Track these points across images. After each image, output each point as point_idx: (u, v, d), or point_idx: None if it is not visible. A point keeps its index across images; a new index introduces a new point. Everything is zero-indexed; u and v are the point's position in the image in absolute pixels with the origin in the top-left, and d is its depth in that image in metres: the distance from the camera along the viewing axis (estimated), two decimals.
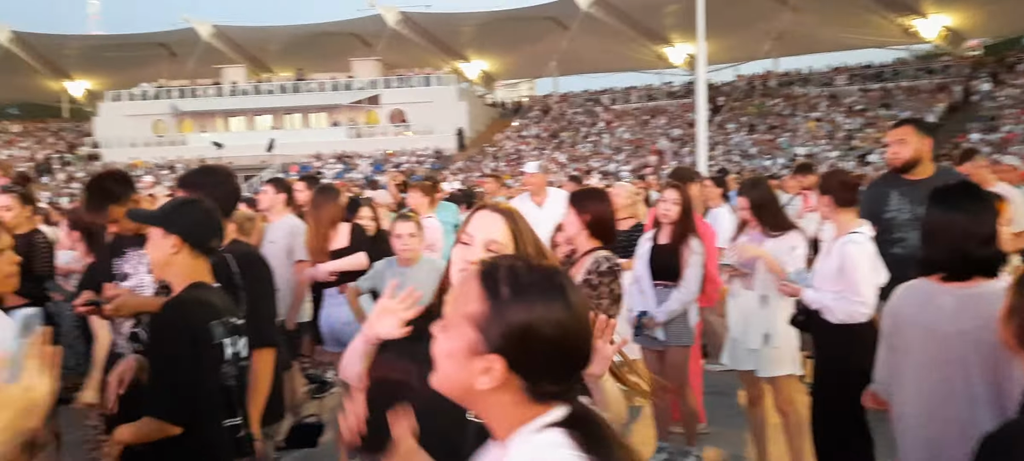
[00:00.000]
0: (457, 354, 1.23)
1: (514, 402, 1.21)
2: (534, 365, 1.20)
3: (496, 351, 1.19)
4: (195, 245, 2.61)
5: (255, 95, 51.82)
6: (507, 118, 53.98)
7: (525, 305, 1.20)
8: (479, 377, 1.20)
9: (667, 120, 47.08)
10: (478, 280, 1.24)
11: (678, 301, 4.88)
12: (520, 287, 1.21)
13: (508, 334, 1.19)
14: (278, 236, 5.69)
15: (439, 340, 1.27)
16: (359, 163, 45.70)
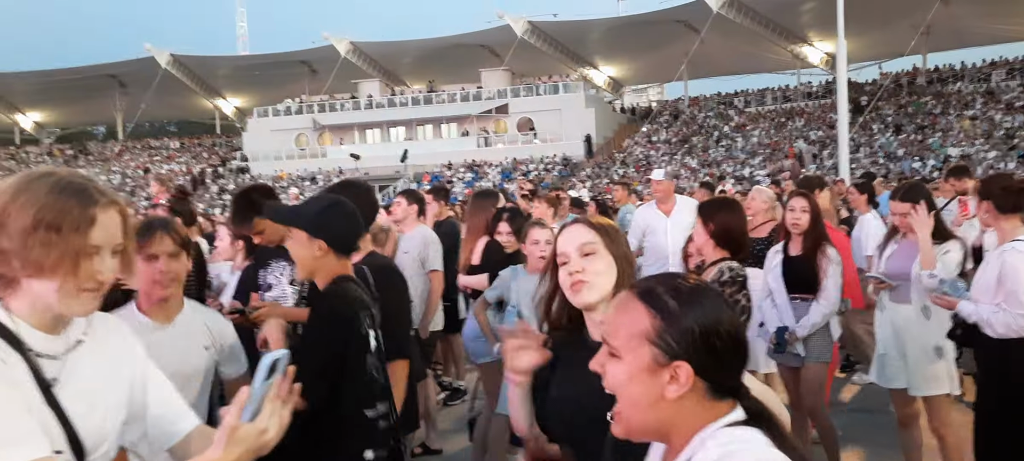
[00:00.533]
0: (639, 374, 1.30)
1: (700, 404, 1.29)
2: (716, 363, 1.29)
3: (679, 358, 1.28)
4: (340, 249, 2.65)
5: (389, 108, 53.60)
6: (636, 124, 53.41)
7: (694, 309, 1.30)
8: (668, 387, 1.28)
9: (805, 122, 45.25)
10: (637, 300, 1.33)
11: (820, 313, 4.63)
12: (681, 294, 1.31)
13: (689, 338, 1.28)
14: (411, 247, 5.80)
15: (612, 372, 1.33)
16: (488, 172, 46.39)
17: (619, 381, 1.32)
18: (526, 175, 40.78)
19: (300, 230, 2.62)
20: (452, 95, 52.86)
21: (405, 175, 33.30)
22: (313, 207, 2.73)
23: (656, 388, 1.29)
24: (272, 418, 1.44)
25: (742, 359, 1.34)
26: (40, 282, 1.47)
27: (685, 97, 54.87)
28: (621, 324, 1.33)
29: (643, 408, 1.30)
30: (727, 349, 1.30)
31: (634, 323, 1.31)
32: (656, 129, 50.61)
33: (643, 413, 1.30)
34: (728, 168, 39.57)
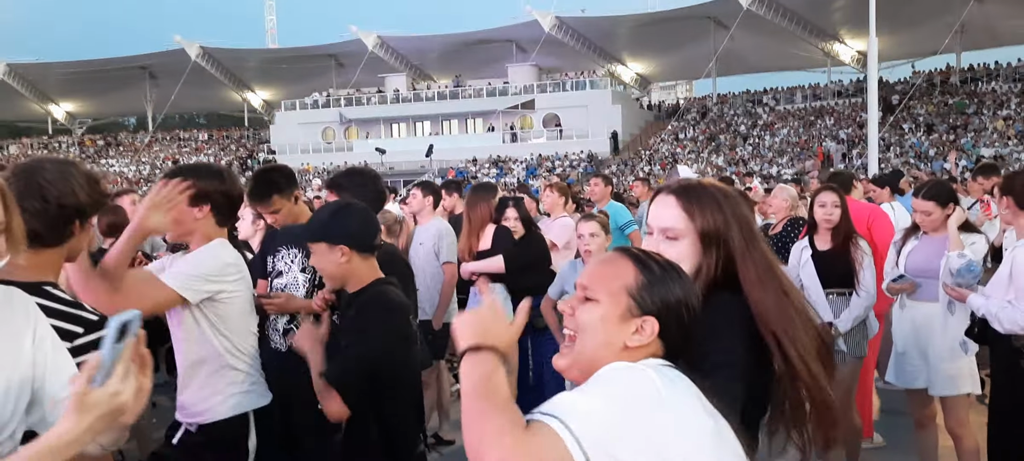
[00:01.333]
0: (610, 317, 1.45)
1: (644, 357, 1.44)
2: (679, 330, 1.47)
3: (650, 314, 1.46)
4: (361, 248, 2.62)
5: (415, 102, 53.77)
6: (663, 121, 53.12)
7: (675, 280, 1.49)
8: (632, 336, 1.45)
9: (834, 121, 44.72)
10: (629, 259, 1.50)
11: (861, 306, 4.52)
12: (667, 267, 1.50)
13: (664, 301, 1.46)
14: (426, 238, 5.80)
15: (585, 309, 1.47)
16: (513, 167, 46.38)
17: (589, 321, 1.47)
18: (552, 171, 40.73)
19: (318, 242, 2.59)
20: (478, 90, 52.91)
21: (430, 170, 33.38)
22: (323, 215, 2.71)
23: (621, 335, 1.45)
24: (126, 381, 1.38)
25: (693, 340, 1.50)
26: None
27: (713, 94, 54.46)
28: (606, 274, 1.49)
29: (599, 346, 1.46)
30: (691, 324, 1.49)
31: (620, 275, 1.48)
32: (683, 126, 50.30)
33: (597, 351, 1.45)
34: (755, 166, 39.21)
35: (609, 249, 4.70)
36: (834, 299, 4.61)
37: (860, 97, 43.16)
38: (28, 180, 1.81)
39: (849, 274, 4.55)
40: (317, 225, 2.64)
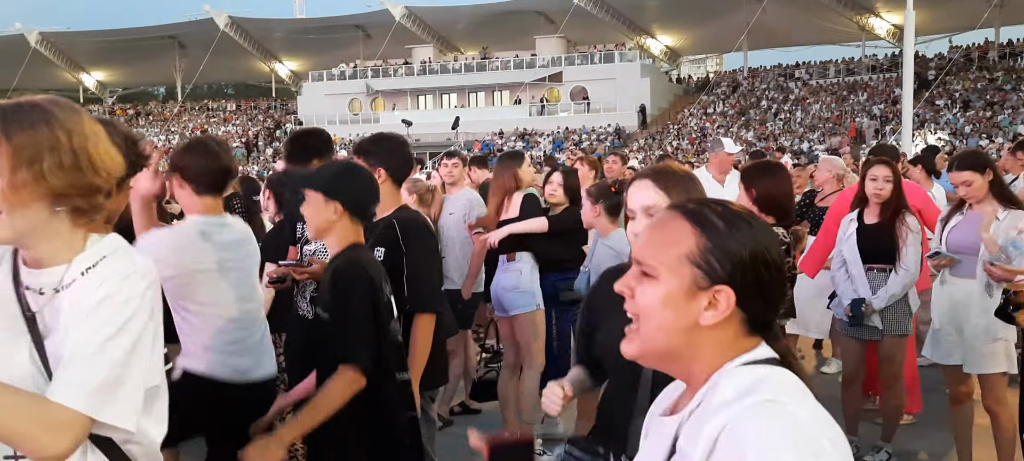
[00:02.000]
0: (675, 295, 1.19)
1: (728, 336, 1.20)
2: (760, 293, 1.19)
3: (722, 282, 1.18)
4: (355, 213, 2.63)
5: (442, 74, 53.62)
6: (692, 95, 52.55)
7: (743, 232, 1.20)
8: (704, 313, 1.18)
9: (868, 96, 43.98)
10: (684, 218, 1.22)
11: (899, 284, 4.45)
12: (730, 216, 1.21)
13: (735, 263, 1.18)
14: (457, 207, 5.79)
15: (644, 290, 1.21)
16: (540, 141, 46.21)
17: (650, 303, 1.21)
18: (578, 145, 40.51)
19: (316, 192, 2.61)
20: (505, 62, 52.63)
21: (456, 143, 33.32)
22: (328, 169, 2.74)
23: (691, 313, 1.18)
24: None
25: (783, 295, 1.23)
26: None
27: (744, 68, 53.75)
28: (661, 241, 1.22)
29: (670, 333, 1.20)
30: (773, 280, 1.21)
31: (677, 241, 1.20)
32: (713, 101, 49.74)
33: (668, 337, 1.20)
34: (786, 142, 38.73)
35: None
36: (875, 274, 4.53)
37: (895, 72, 42.37)
38: None
39: (893, 250, 4.47)
40: (320, 176, 2.66)
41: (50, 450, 1.34)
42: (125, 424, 1.41)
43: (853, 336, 4.69)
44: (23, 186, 1.40)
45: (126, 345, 1.41)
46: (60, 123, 1.44)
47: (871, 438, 4.76)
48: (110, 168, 1.49)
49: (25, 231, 1.45)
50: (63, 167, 1.42)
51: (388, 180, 3.33)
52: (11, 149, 1.40)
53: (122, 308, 1.42)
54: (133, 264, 1.49)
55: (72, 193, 1.45)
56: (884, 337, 4.56)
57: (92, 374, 1.38)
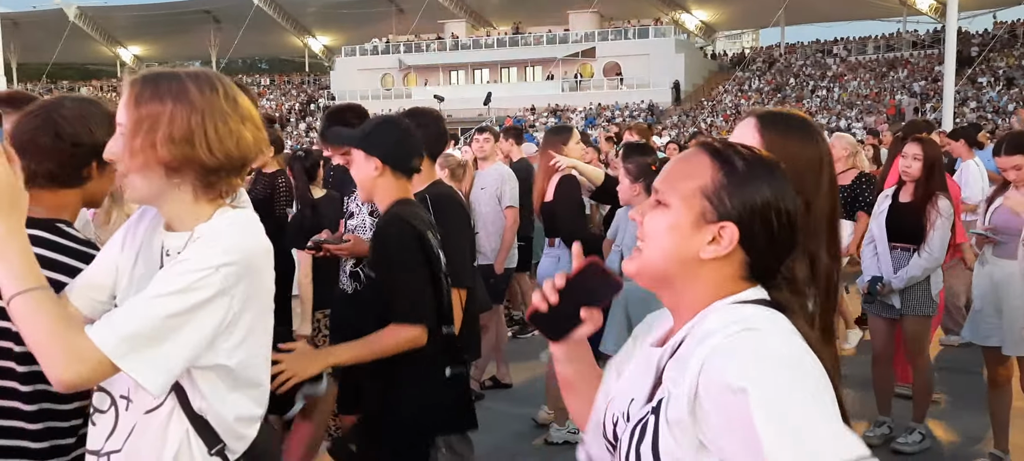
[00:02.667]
0: (682, 225, 1.22)
1: (728, 278, 1.22)
2: (767, 240, 1.21)
3: (729, 220, 1.20)
4: (396, 167, 2.59)
5: (474, 49, 53.45)
6: (727, 71, 51.87)
7: (763, 177, 1.22)
8: (706, 246, 1.21)
9: (908, 73, 43.10)
10: (707, 154, 1.24)
11: (920, 267, 4.42)
12: (754, 162, 1.23)
13: (746, 204, 1.20)
14: (488, 182, 5.80)
15: (654, 216, 1.25)
16: (572, 117, 45.97)
17: (656, 228, 1.24)
18: (611, 121, 40.24)
19: (356, 149, 2.59)
20: (538, 37, 52.32)
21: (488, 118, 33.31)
22: (367, 125, 2.70)
23: (693, 244, 1.21)
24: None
25: (792, 248, 1.25)
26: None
27: (781, 44, 52.90)
28: (680, 173, 1.25)
29: (669, 259, 1.23)
30: (783, 231, 1.22)
31: (695, 174, 1.23)
32: (748, 77, 49.07)
33: (666, 263, 1.23)
34: (822, 119, 38.15)
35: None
36: (899, 254, 4.49)
37: (937, 48, 41.47)
38: (46, 116, 1.76)
39: (920, 231, 4.41)
40: (359, 132, 2.64)
41: (60, 374, 1.37)
42: (146, 382, 1.39)
43: (873, 314, 4.66)
44: (139, 152, 1.47)
45: (175, 308, 1.40)
46: (187, 98, 1.47)
47: (905, 420, 4.71)
48: (230, 149, 1.50)
49: (147, 195, 1.53)
50: (174, 140, 1.46)
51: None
52: (136, 116, 1.48)
53: (187, 274, 1.43)
54: (224, 240, 1.48)
55: (182, 167, 1.48)
56: (905, 317, 4.52)
57: (129, 321, 1.39)
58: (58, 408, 1.70)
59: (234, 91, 1.54)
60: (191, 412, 1.49)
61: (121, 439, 1.52)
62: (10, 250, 1.40)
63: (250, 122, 1.55)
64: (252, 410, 1.56)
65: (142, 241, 1.61)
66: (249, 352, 1.52)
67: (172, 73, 1.51)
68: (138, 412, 1.51)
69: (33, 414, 1.68)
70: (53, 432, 1.71)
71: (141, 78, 1.51)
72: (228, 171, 1.52)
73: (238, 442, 1.53)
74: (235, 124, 1.51)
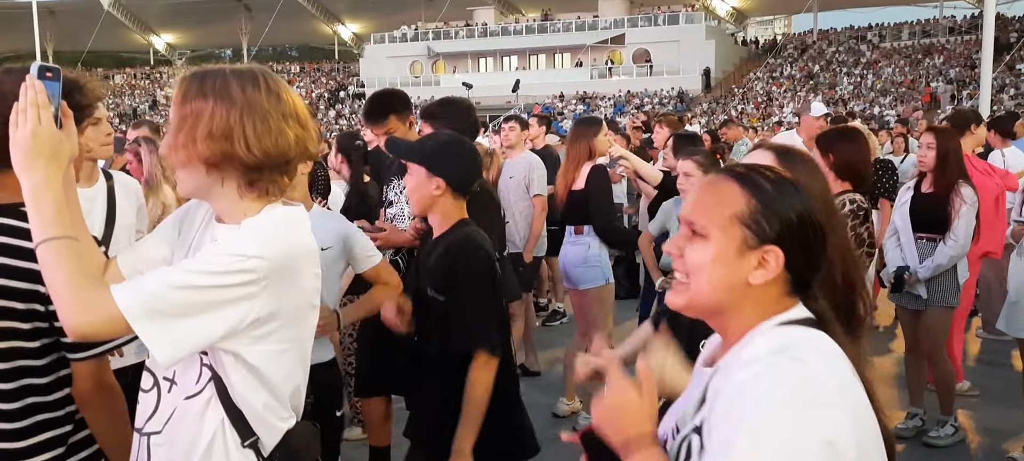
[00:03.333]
0: (727, 254, 1.23)
1: (771, 295, 1.25)
2: (806, 254, 1.25)
3: (771, 242, 1.23)
4: (458, 188, 2.57)
5: (503, 36, 53.31)
6: (759, 58, 51.28)
7: (791, 195, 1.25)
8: (754, 272, 1.23)
9: (944, 59, 42.31)
10: (734, 180, 1.27)
11: (945, 256, 4.37)
12: (779, 181, 1.26)
13: (784, 224, 1.23)
14: (516, 171, 5.79)
15: (694, 249, 1.26)
16: (600, 105, 45.74)
17: (700, 261, 1.26)
18: (640, 108, 39.99)
19: (419, 166, 2.55)
20: (567, 24, 52.06)
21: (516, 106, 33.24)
22: (432, 142, 2.64)
23: (741, 272, 1.23)
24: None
25: (825, 257, 1.28)
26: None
27: (814, 29, 52.16)
28: (712, 203, 1.27)
29: (718, 289, 1.25)
30: (818, 242, 1.26)
31: (726, 201, 1.25)
32: (780, 63, 48.46)
33: (716, 294, 1.25)
34: (856, 106, 37.59)
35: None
36: (924, 244, 4.44)
37: (974, 34, 40.64)
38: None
39: (945, 220, 4.37)
40: (423, 149, 2.58)
41: (70, 321, 1.39)
42: (154, 350, 1.40)
43: (902, 305, 4.61)
44: (181, 147, 1.50)
45: (200, 285, 1.41)
46: (228, 95, 1.49)
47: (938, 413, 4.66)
48: (268, 148, 1.49)
49: (193, 190, 1.56)
50: (213, 137, 1.47)
51: None
52: (181, 113, 1.50)
53: (218, 257, 1.44)
54: (264, 233, 1.48)
55: (222, 163, 1.50)
56: (929, 308, 4.47)
57: (153, 288, 1.41)
58: (43, 401, 1.69)
59: (278, 87, 1.55)
60: (228, 403, 1.51)
61: (161, 421, 1.55)
62: (45, 198, 1.43)
63: (293, 120, 1.54)
64: (281, 407, 1.56)
65: (196, 232, 1.64)
66: (280, 351, 1.52)
67: (218, 70, 1.53)
68: (179, 396, 1.53)
69: (16, 411, 1.67)
70: (39, 420, 1.70)
71: (190, 75, 1.53)
72: (270, 169, 1.52)
73: (270, 433, 1.54)
74: (276, 122, 1.51)
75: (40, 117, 1.45)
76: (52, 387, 1.70)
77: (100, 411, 1.72)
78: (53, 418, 1.70)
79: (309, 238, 1.58)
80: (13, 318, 1.63)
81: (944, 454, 4.46)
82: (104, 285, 1.42)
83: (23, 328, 1.64)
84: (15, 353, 1.64)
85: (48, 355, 1.68)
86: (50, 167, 1.45)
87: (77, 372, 1.70)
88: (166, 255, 1.65)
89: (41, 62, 1.51)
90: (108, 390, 1.73)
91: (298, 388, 1.61)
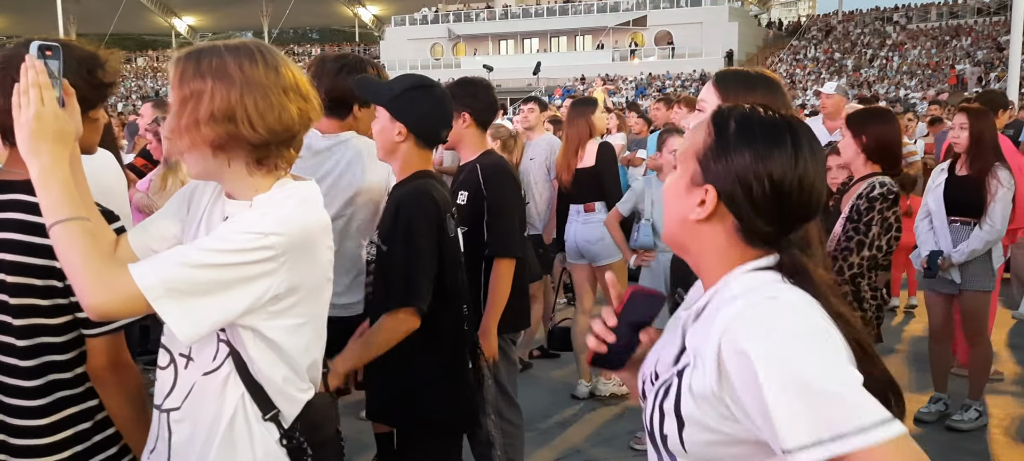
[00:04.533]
0: (679, 187, 1.28)
1: (727, 242, 1.24)
2: (747, 203, 1.21)
3: (711, 183, 1.23)
4: (421, 136, 2.43)
5: (524, 18, 53.11)
6: (783, 40, 50.72)
7: (748, 144, 1.22)
8: (694, 208, 1.24)
9: (972, 41, 41.63)
10: (710, 118, 1.28)
11: (981, 240, 4.28)
12: (747, 126, 1.23)
13: (726, 168, 1.22)
14: (537, 152, 5.76)
15: (668, 180, 1.32)
16: (622, 87, 45.50)
17: (666, 188, 1.33)
18: (661, 91, 39.73)
19: (382, 108, 2.44)
20: (589, 6, 51.72)
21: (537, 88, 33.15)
22: (399, 85, 2.47)
23: (686, 206, 1.26)
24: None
25: (786, 214, 1.22)
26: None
27: (838, 11, 51.48)
28: (690, 135, 1.31)
29: (672, 220, 1.30)
30: (766, 196, 1.20)
31: (696, 136, 1.28)
32: (804, 45, 47.92)
33: (674, 226, 1.30)
34: (881, 89, 37.11)
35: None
36: (958, 227, 4.36)
37: (1003, 15, 39.93)
38: (3, 71, 1.59)
39: (979, 203, 4.28)
40: (389, 92, 2.44)
41: (90, 301, 1.38)
42: (176, 328, 1.39)
43: (932, 289, 4.54)
44: (185, 132, 1.47)
45: (218, 263, 1.40)
46: (226, 73, 1.45)
47: (962, 397, 4.60)
48: (271, 124, 1.47)
49: (202, 173, 1.54)
50: (216, 119, 1.45)
51: (473, 124, 3.30)
52: (180, 95, 1.48)
53: (237, 235, 1.43)
54: (280, 210, 1.47)
55: (228, 144, 1.47)
56: (964, 292, 4.39)
57: (172, 266, 1.39)
58: (64, 377, 1.69)
59: (276, 60, 1.52)
60: (248, 378, 1.51)
61: (180, 398, 1.55)
62: (52, 181, 1.43)
63: (294, 92, 1.52)
64: (300, 380, 1.57)
65: (205, 208, 1.63)
66: (297, 325, 1.52)
67: (213, 48, 1.50)
68: (197, 372, 1.53)
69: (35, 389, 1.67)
70: (60, 396, 1.70)
71: (184, 55, 1.50)
72: (277, 144, 1.51)
73: (290, 405, 1.54)
74: (277, 97, 1.48)
75: (43, 98, 1.44)
76: (74, 363, 1.70)
77: (115, 389, 1.71)
78: (74, 395, 1.70)
79: (322, 213, 1.57)
80: (33, 295, 1.63)
81: (967, 438, 4.41)
82: (121, 264, 1.41)
83: (43, 305, 1.64)
84: (36, 330, 1.64)
85: (69, 332, 1.68)
86: (56, 148, 1.44)
87: (91, 348, 1.69)
88: (177, 232, 1.64)
89: (40, 40, 1.48)
90: (124, 368, 1.73)
91: (316, 361, 1.61)
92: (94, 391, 1.72)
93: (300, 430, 1.55)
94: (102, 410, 1.73)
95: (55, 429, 1.67)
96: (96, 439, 1.72)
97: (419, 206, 2.37)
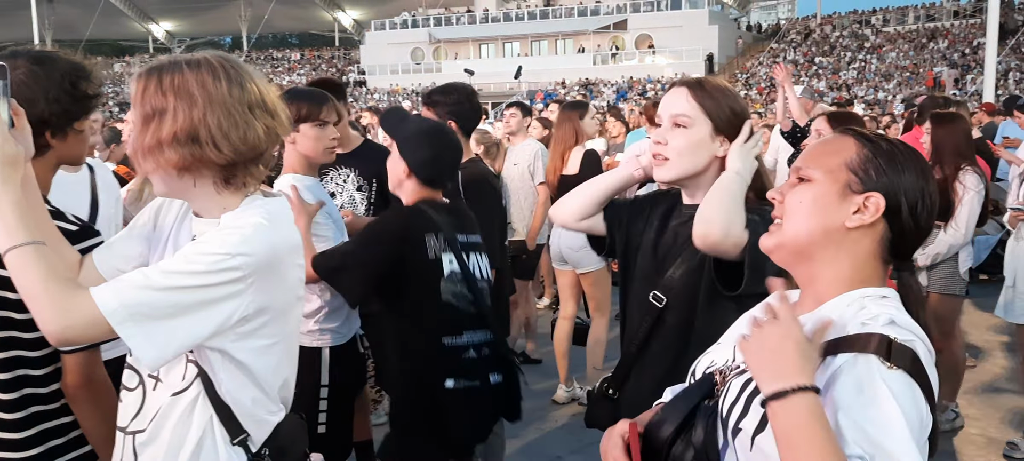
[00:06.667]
0: (828, 195, 1.25)
1: (867, 254, 1.25)
2: (911, 217, 1.25)
3: (875, 190, 1.24)
4: (421, 178, 2.52)
5: (505, 22, 53.13)
6: (762, 43, 51.08)
7: (914, 162, 1.26)
8: (851, 215, 1.24)
9: (949, 43, 42.12)
10: (852, 136, 1.29)
11: (945, 244, 4.29)
12: (900, 147, 1.28)
13: (893, 181, 1.24)
14: (520, 159, 5.74)
15: (795, 191, 1.29)
16: (603, 91, 45.62)
17: (799, 202, 1.28)
18: (643, 94, 39.87)
19: (394, 143, 2.56)
20: (570, 9, 51.85)
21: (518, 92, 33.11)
22: (412, 126, 2.60)
23: (839, 214, 1.25)
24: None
25: (925, 234, 1.29)
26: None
27: (818, 14, 51.93)
28: (824, 152, 1.30)
29: (812, 229, 1.26)
30: (926, 215, 1.26)
31: (839, 151, 1.28)
32: (784, 48, 48.28)
33: (810, 234, 1.26)
34: (859, 91, 37.47)
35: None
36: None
37: (978, 18, 40.47)
38: None
39: (947, 207, 4.29)
40: (402, 130, 2.58)
41: (50, 327, 1.34)
42: (139, 353, 1.35)
43: None
44: (149, 154, 1.43)
45: (184, 286, 1.36)
46: (189, 93, 1.41)
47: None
48: (236, 144, 1.43)
49: (168, 191, 1.50)
50: (179, 141, 1.41)
51: (457, 131, 3.29)
52: (142, 113, 1.43)
53: (203, 256, 1.39)
54: (247, 229, 1.42)
55: (193, 166, 1.44)
56: (930, 295, 4.39)
57: (135, 289, 1.35)
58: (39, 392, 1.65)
59: (240, 76, 1.47)
60: (217, 400, 1.47)
61: (146, 420, 1.51)
62: (3, 205, 1.36)
63: (260, 109, 1.47)
64: (270, 402, 1.53)
65: (172, 226, 1.59)
66: (267, 346, 1.48)
67: (175, 62, 1.45)
68: (165, 394, 1.49)
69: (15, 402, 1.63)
70: (44, 428, 1.66)
71: (146, 71, 1.45)
72: (243, 163, 1.46)
73: (259, 428, 1.51)
74: (241, 115, 1.44)
75: None
76: (56, 395, 1.66)
77: (89, 406, 1.67)
78: (49, 410, 1.66)
79: (292, 231, 1.53)
80: (6, 308, 1.59)
81: (942, 439, 4.42)
82: (81, 288, 1.36)
83: (16, 318, 1.59)
84: (10, 343, 1.60)
85: (44, 347, 1.64)
86: (6, 171, 1.37)
87: (66, 365, 1.65)
88: (143, 250, 1.59)
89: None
90: (98, 385, 1.68)
91: (287, 381, 1.58)
92: (69, 408, 1.68)
93: (269, 454, 1.51)
94: (77, 427, 1.69)
95: (29, 444, 1.63)
96: (70, 457, 1.68)
97: (386, 222, 2.55)
